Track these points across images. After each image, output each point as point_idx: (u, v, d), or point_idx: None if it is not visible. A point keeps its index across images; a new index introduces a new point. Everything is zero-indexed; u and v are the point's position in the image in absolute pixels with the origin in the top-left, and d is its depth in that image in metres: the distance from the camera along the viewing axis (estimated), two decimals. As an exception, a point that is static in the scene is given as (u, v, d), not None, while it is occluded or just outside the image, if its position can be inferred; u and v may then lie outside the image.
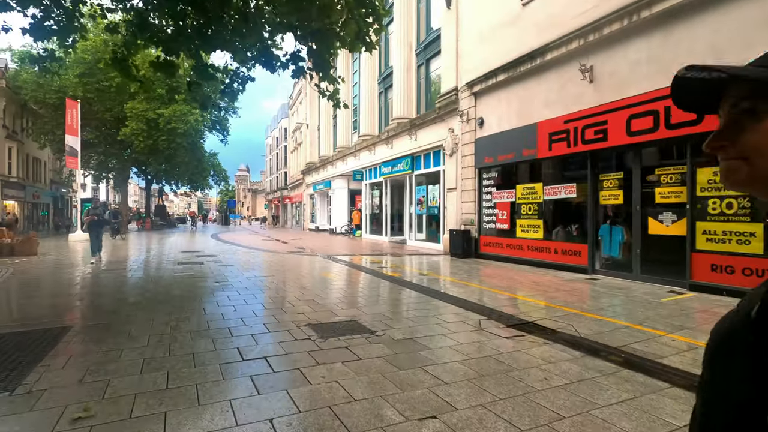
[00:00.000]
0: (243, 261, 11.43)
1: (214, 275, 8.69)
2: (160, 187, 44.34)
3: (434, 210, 15.18)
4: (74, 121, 20.71)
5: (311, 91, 33.67)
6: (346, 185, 25.93)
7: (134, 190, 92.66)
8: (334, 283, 7.88)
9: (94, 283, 7.81)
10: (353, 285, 7.80)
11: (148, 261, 11.41)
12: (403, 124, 16.98)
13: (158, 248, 15.96)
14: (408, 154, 16.61)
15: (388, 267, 10.32)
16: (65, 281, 7.97)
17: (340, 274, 9.19)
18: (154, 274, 8.77)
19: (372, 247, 16.23)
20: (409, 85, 17.65)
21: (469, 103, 12.47)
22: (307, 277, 8.62)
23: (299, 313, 5.34)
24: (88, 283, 7.72)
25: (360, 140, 21.80)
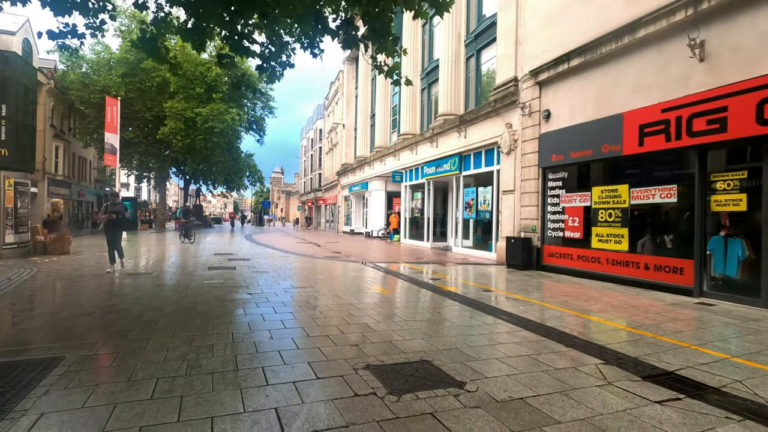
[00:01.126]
0: (278, 267, 10.41)
1: (247, 284, 7.65)
2: (198, 187, 44.84)
3: (485, 215, 13.72)
4: (114, 118, 20.62)
5: (348, 90, 32.89)
6: (384, 187, 24.79)
7: (174, 190, 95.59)
8: (386, 299, 6.63)
9: (111, 291, 6.92)
10: (409, 304, 6.54)
11: (177, 264, 10.57)
12: (450, 120, 15.62)
13: (189, 249, 15.30)
14: (455, 153, 15.23)
15: (442, 279, 8.99)
16: (82, 288, 7.14)
17: (390, 287, 7.95)
18: (180, 281, 7.83)
19: (414, 254, 14.93)
20: (457, 78, 16.28)
21: (532, 94, 10.99)
22: (351, 289, 7.43)
23: (352, 345, 4.12)
24: (105, 291, 6.83)
25: (400, 139, 20.59)
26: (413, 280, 8.74)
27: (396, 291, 7.45)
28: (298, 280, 8.37)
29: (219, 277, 8.28)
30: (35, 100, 26.66)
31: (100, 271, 8.91)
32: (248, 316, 5.24)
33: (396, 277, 9.21)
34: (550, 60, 10.20)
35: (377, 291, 7.29)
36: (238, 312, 5.47)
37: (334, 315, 5.40)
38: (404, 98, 20.77)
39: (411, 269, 10.61)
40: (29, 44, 24.55)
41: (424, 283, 8.36)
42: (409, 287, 7.90)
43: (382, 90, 24.51)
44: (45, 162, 28.31)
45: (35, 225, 13.05)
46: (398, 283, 8.41)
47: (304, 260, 12.20)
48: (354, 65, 32.82)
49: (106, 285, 7.37)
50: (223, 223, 62.46)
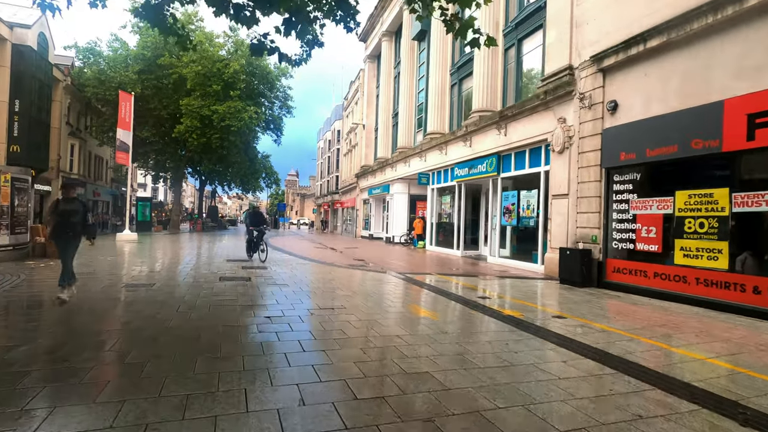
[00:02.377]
0: (298, 278, 9.09)
1: (264, 302, 6.34)
2: (213, 188, 44.20)
3: (529, 221, 12.20)
4: (127, 114, 19.73)
5: (369, 90, 31.72)
6: (407, 190, 23.40)
7: (191, 191, 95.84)
8: (439, 330, 5.22)
9: (97, 312, 5.66)
10: (472, 338, 5.11)
11: (184, 273, 9.33)
12: (486, 117, 14.17)
13: (201, 255, 14.14)
14: (493, 153, 13.76)
15: (492, 298, 7.54)
16: (64, 306, 5.91)
17: (435, 309, 6.55)
18: (185, 297, 6.54)
19: (445, 264, 13.48)
20: (494, 71, 14.83)
21: (593, 83, 9.49)
22: (392, 313, 6.05)
23: (427, 420, 2.73)
24: (88, 312, 5.58)
25: (427, 139, 19.19)
26: (459, 298, 7.31)
27: (446, 316, 6.03)
28: (324, 297, 7.02)
29: (231, 292, 6.98)
30: (50, 96, 26.13)
31: (99, 280, 7.71)
32: (267, 357, 3.89)
33: (436, 293, 7.79)
34: (619, 42, 8.70)
35: (424, 316, 5.88)
36: (254, 349, 4.13)
37: (384, 358, 4.01)
38: (431, 95, 19.39)
39: (454, 285, 9.18)
40: (45, 39, 23.97)
41: (474, 303, 6.92)
42: (459, 310, 6.47)
43: (406, 88, 23.18)
44: (60, 160, 27.71)
45: (36, 225, 12.03)
46: (443, 303, 6.99)
47: (326, 270, 10.86)
48: (375, 63, 31.61)
49: (94, 302, 6.13)
50: (238, 225, 61.92)
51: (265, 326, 4.92)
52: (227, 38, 28.85)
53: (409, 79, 23.13)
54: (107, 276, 8.27)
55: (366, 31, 31.39)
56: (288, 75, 30.63)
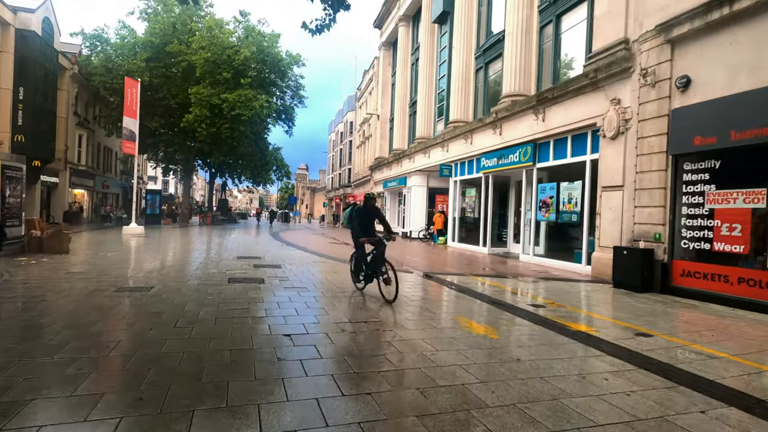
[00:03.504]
0: (317, 279, 8.00)
1: (282, 312, 5.24)
2: (223, 181, 43.41)
3: (570, 216, 10.94)
4: (134, 102, 18.79)
5: (384, 79, 30.45)
6: (425, 182, 22.19)
7: (201, 184, 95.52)
8: (506, 355, 4.08)
9: (79, 326, 4.60)
10: (548, 365, 3.94)
11: (189, 274, 8.29)
12: (520, 102, 12.88)
13: (210, 250, 13.15)
14: (528, 141, 12.48)
15: (548, 306, 6.36)
16: (44, 312, 4.89)
17: (488, 322, 5.41)
18: (186, 306, 5.47)
19: (472, 262, 12.31)
20: (527, 51, 13.50)
21: (659, 56, 8.18)
22: (439, 328, 4.93)
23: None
24: (69, 326, 4.52)
25: (450, 128, 17.93)
26: (509, 307, 6.14)
27: (506, 333, 4.87)
28: (353, 306, 5.90)
29: (242, 298, 5.90)
30: (56, 84, 25.26)
31: (88, 282, 6.70)
32: (292, 406, 2.78)
33: (480, 300, 6.63)
34: (695, 6, 7.37)
35: (480, 334, 4.72)
36: (274, 391, 3.02)
37: (455, 407, 2.88)
38: (454, 81, 18.09)
39: (490, 287, 8.01)
40: (50, 24, 23.10)
41: (530, 313, 5.75)
42: (516, 323, 5.31)
43: (425, 74, 21.88)
44: (67, 151, 27.00)
45: (32, 218, 11.12)
46: (493, 313, 5.83)
47: (347, 268, 9.75)
48: (391, 51, 30.28)
49: (78, 311, 5.09)
50: (248, 218, 61.27)
51: (286, 350, 3.81)
52: (237, 23, 27.76)
53: (428, 65, 21.82)
54: (99, 276, 7.26)
55: (381, 17, 30.07)
56: (300, 63, 29.48)
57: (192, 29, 25.97)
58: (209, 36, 25.11)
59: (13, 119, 20.86)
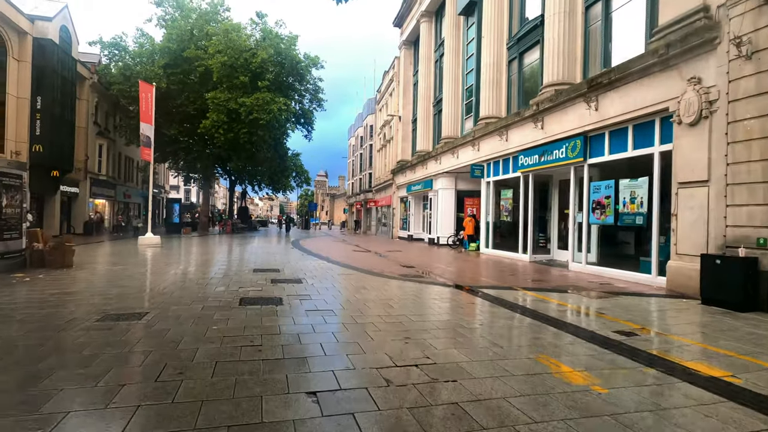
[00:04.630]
0: (345, 297, 6.77)
1: (304, 351, 4.02)
2: (243, 189, 42.97)
3: (634, 219, 9.40)
4: (149, 106, 18.12)
5: (405, 78, 29.28)
6: (453, 185, 20.79)
7: (223, 192, 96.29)
8: (632, 425, 2.71)
9: (40, 374, 3.47)
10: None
11: (195, 293, 7.17)
12: (566, 90, 11.44)
13: (225, 262, 12.12)
14: (578, 134, 11.01)
15: (636, 333, 4.93)
16: (11, 344, 3.79)
17: (577, 360, 4.05)
18: (182, 338, 4.30)
19: (516, 272, 10.88)
20: (571, 35, 12.07)
21: (756, 20, 6.68)
22: (520, 375, 3.63)
23: None
24: (21, 379, 3.39)
25: (481, 125, 16.54)
26: (593, 337, 4.75)
27: (611, 381, 3.50)
28: (393, 336, 4.63)
29: (253, 328, 4.70)
30: (74, 93, 24.94)
31: (75, 305, 5.64)
32: None
33: (551, 326, 5.25)
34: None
35: (580, 384, 3.37)
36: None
37: None
38: (484, 74, 16.72)
39: (552, 305, 6.60)
40: (68, 32, 22.87)
41: (624, 346, 4.36)
42: (617, 363, 3.92)
43: (451, 70, 20.58)
44: (87, 160, 26.79)
45: (34, 229, 10.29)
46: (579, 347, 4.44)
47: (376, 283, 8.49)
48: (412, 49, 29.12)
49: (31, 354, 3.98)
50: (268, 225, 60.92)
51: (312, 425, 2.56)
52: (254, 26, 27.12)
53: (454, 60, 20.53)
54: (91, 298, 6.21)
55: (402, 15, 28.97)
56: (319, 65, 28.62)
57: (209, 33, 25.43)
58: (226, 39, 24.49)
59: (31, 129, 20.55)
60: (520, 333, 4.94)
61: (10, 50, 19.45)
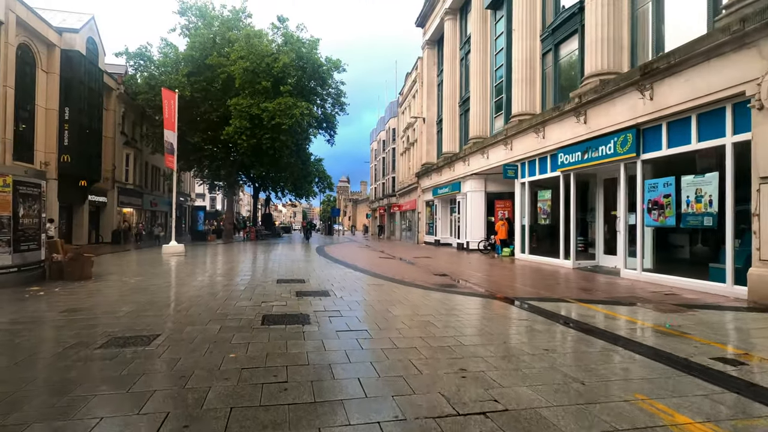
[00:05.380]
0: (382, 315, 6.00)
1: (337, 388, 3.28)
2: (267, 196, 43.03)
3: (701, 220, 8.29)
4: (172, 114, 17.95)
5: (429, 79, 28.52)
6: (483, 187, 19.80)
7: (248, 199, 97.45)
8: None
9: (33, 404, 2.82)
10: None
11: (213, 310, 6.54)
12: (614, 80, 10.42)
13: (247, 271, 11.58)
14: (628, 127, 9.96)
15: (746, 362, 3.96)
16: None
17: (683, 401, 3.16)
18: (192, 371, 3.62)
19: (561, 280, 9.88)
20: (617, 20, 11.04)
21: None
22: (605, 415, 2.76)
23: None
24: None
25: (514, 122, 15.57)
26: (693, 368, 3.81)
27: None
28: (445, 367, 3.82)
29: (277, 355, 3.98)
30: (101, 103, 25.22)
31: (81, 327, 5.08)
32: None
33: (634, 353, 4.33)
34: None
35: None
36: None
37: None
38: (516, 69, 15.77)
39: (621, 322, 5.64)
40: (94, 44, 23.16)
41: (746, 383, 3.42)
42: (744, 411, 3.00)
43: (478, 67, 19.68)
44: (114, 170, 27.09)
45: (54, 240, 9.98)
46: (683, 386, 3.51)
47: (412, 295, 7.70)
48: (436, 49, 28.34)
49: (27, 390, 3.36)
50: (292, 232, 61.01)
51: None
52: (276, 30, 26.93)
53: (482, 57, 19.63)
54: (101, 316, 5.65)
55: (424, 14, 28.27)
56: (341, 68, 28.18)
57: (230, 40, 25.35)
58: (248, 45, 24.32)
59: (59, 139, 20.79)
60: (597, 361, 4.05)
61: (39, 62, 19.73)
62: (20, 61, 18.42)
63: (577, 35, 13.22)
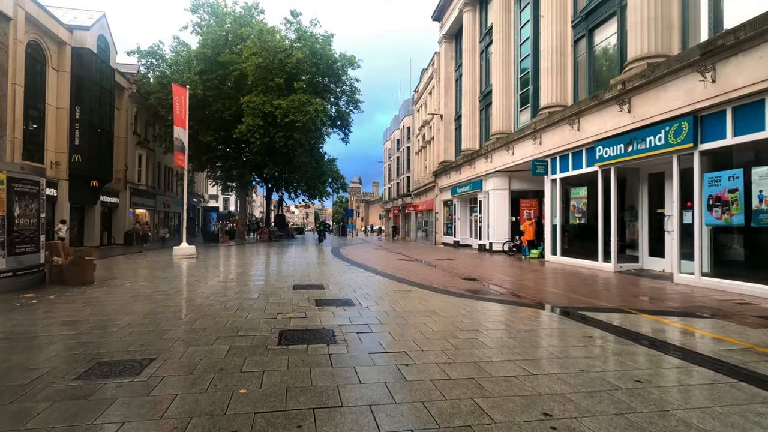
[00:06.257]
0: (417, 330, 5.12)
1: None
2: (280, 197, 42.51)
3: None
4: (182, 110, 17.32)
5: (446, 74, 27.53)
6: (506, 185, 18.74)
7: (261, 201, 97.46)
8: None
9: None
10: None
11: (222, 324, 5.70)
12: (664, 62, 9.35)
13: (260, 275, 10.79)
14: (682, 114, 8.89)
15: None
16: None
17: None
18: (186, 422, 2.75)
19: (605, 285, 8.85)
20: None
21: None
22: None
23: None
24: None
25: (544, 114, 14.53)
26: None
27: None
28: (529, 417, 2.91)
29: (300, 391, 3.11)
30: (113, 103, 24.72)
31: (63, 347, 4.30)
32: None
33: (746, 382, 3.35)
34: None
35: None
36: None
37: None
38: (545, 58, 14.73)
39: (695, 338, 4.64)
40: (106, 42, 22.73)
41: None
42: None
43: (501, 59, 18.64)
44: (127, 171, 26.70)
45: (55, 242, 9.32)
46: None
47: (446, 304, 6.78)
48: (453, 43, 27.35)
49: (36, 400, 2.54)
50: (305, 233, 60.49)
51: None
52: (289, 25, 26.25)
53: (504, 48, 18.59)
54: (87, 332, 4.87)
55: (441, 7, 27.30)
56: (355, 65, 27.38)
57: (243, 36, 24.75)
58: (260, 41, 23.67)
59: (70, 139, 20.37)
60: (711, 397, 3.09)
61: (49, 60, 19.32)
62: (30, 59, 18.00)
63: (615, 18, 12.16)
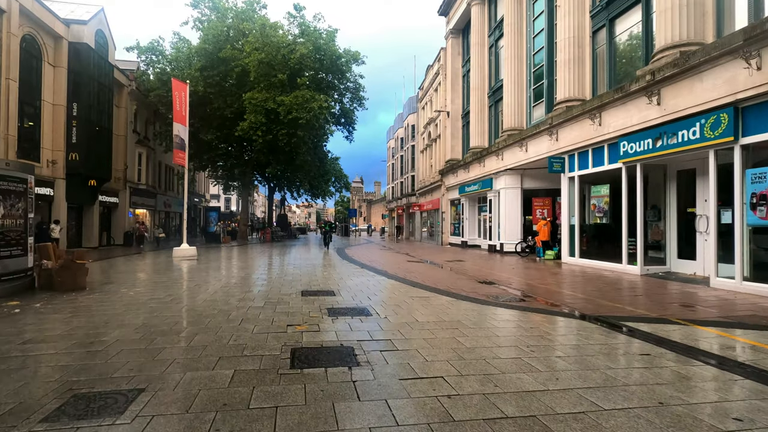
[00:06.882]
0: (448, 346, 4.49)
1: None
2: (282, 196, 41.88)
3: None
4: (182, 106, 16.70)
5: (453, 70, 26.86)
6: (518, 183, 18.08)
7: (262, 200, 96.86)
8: None
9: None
10: None
11: (223, 342, 5.05)
12: (699, 51, 8.68)
13: (264, 279, 10.16)
14: (721, 106, 8.21)
15: None
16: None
17: None
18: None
19: (634, 290, 8.20)
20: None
21: None
22: None
23: None
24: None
25: (562, 108, 13.86)
26: None
27: None
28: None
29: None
30: (111, 100, 23.98)
31: (33, 373, 3.66)
32: None
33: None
34: None
35: None
36: None
37: None
38: (562, 51, 14.07)
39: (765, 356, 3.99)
40: (104, 37, 22.12)
41: None
42: None
43: (512, 52, 17.97)
44: (126, 169, 26.09)
45: (45, 244, 8.69)
46: None
47: (473, 314, 6.14)
48: (460, 38, 26.67)
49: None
50: (308, 233, 59.85)
51: None
52: (292, 19, 25.61)
53: (516, 41, 17.93)
54: (69, 351, 4.23)
55: (448, 1, 26.63)
56: (360, 61, 26.74)
57: (244, 30, 24.13)
58: (262, 36, 23.05)
59: (67, 137, 19.76)
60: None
61: (45, 55, 18.72)
62: (25, 54, 17.40)
63: (639, 6, 11.50)
